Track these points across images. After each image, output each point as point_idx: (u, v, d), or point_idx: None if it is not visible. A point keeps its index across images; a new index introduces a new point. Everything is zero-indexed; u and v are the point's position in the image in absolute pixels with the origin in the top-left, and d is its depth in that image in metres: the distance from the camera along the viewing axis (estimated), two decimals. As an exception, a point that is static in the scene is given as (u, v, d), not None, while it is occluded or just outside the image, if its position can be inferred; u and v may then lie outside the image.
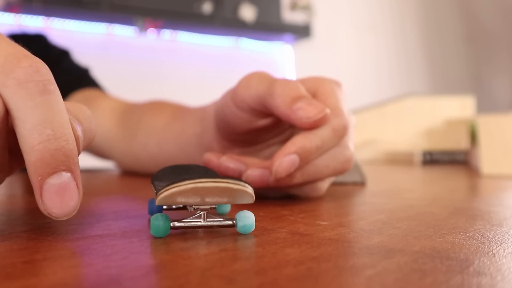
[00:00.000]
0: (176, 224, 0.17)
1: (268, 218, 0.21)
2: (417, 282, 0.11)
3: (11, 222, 0.20)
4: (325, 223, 0.20)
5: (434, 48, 2.79)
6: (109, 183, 0.42)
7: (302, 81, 0.29)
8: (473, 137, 0.64)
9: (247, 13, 2.05)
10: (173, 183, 0.16)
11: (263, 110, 0.28)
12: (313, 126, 0.26)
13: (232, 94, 0.29)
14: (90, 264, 0.13)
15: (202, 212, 0.18)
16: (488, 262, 0.13)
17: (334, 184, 0.39)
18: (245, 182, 0.17)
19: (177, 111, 0.45)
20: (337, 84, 0.30)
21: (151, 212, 0.21)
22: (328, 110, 0.26)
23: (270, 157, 0.32)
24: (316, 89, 0.29)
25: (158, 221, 0.17)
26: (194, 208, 0.18)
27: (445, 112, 1.03)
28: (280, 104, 0.26)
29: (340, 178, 0.40)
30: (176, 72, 2.09)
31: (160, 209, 0.21)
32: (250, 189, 0.17)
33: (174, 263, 0.13)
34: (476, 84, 2.78)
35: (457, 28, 2.86)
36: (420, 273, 0.12)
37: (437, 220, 0.21)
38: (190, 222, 0.18)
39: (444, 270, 0.13)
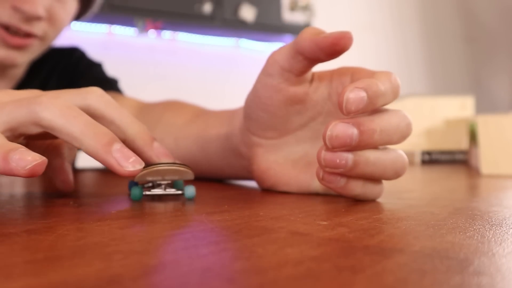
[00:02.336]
0: (147, 192, 0.28)
1: (268, 218, 0.21)
2: (417, 282, 0.11)
3: (11, 222, 0.20)
4: (325, 223, 0.20)
5: (434, 48, 2.79)
6: (110, 182, 0.42)
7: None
8: (473, 137, 0.64)
9: (247, 13, 2.05)
10: (146, 167, 0.26)
11: (294, 68, 0.29)
12: (338, 43, 0.28)
13: (263, 65, 0.31)
14: (90, 264, 0.13)
15: (163, 184, 0.28)
16: (488, 262, 0.13)
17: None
18: (186, 165, 0.28)
19: (199, 111, 0.46)
20: None
21: (131, 187, 0.30)
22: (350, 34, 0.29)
23: (300, 153, 0.32)
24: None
25: (135, 189, 0.27)
26: (159, 183, 0.28)
27: (444, 112, 1.03)
28: (307, 35, 0.28)
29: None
30: (176, 72, 2.09)
31: (141, 194, 0.29)
32: (191, 170, 0.28)
33: (174, 263, 0.13)
34: (476, 84, 2.78)
35: (457, 28, 2.86)
36: (420, 273, 0.12)
37: (437, 220, 0.21)
38: (155, 191, 0.28)
39: (444, 270, 0.13)
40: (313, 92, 0.31)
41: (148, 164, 0.27)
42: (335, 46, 0.28)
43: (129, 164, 0.23)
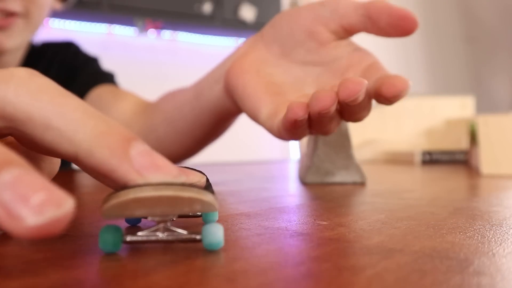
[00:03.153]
0: (129, 238, 0.15)
1: (268, 218, 0.21)
2: (417, 282, 0.11)
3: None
4: (325, 223, 0.20)
5: (434, 48, 2.79)
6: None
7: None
8: (473, 137, 0.64)
9: (247, 13, 2.05)
10: (116, 191, 0.14)
11: (347, 20, 0.32)
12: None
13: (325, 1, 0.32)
14: (90, 264, 0.13)
15: (160, 225, 0.15)
16: (488, 262, 0.13)
17: (334, 184, 0.39)
18: (205, 188, 0.15)
19: (193, 85, 0.45)
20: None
21: (129, 222, 0.19)
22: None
23: (279, 81, 0.33)
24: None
25: (106, 235, 0.14)
26: (153, 220, 0.15)
27: (445, 112, 1.03)
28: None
29: (340, 178, 0.40)
30: (176, 72, 2.09)
31: (139, 220, 0.19)
32: (207, 197, 0.14)
33: (174, 263, 0.13)
34: (476, 84, 2.78)
35: (457, 28, 2.86)
36: (420, 273, 0.12)
37: (437, 220, 0.21)
38: (145, 236, 0.15)
39: (444, 270, 0.13)
40: (333, 46, 0.33)
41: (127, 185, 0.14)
42: (402, 21, 0.29)
43: (30, 208, 0.10)
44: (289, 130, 0.28)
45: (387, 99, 0.27)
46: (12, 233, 0.10)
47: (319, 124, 0.28)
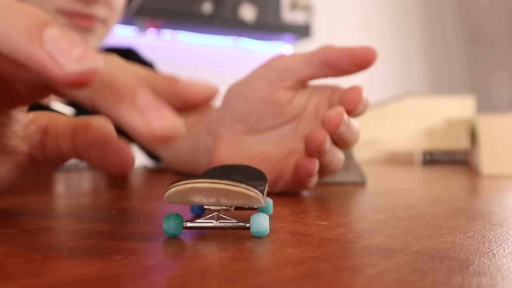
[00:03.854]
0: (188, 224, 0.17)
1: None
2: (417, 282, 0.11)
3: (11, 222, 0.20)
4: (325, 223, 0.20)
5: (435, 48, 2.79)
6: (114, 181, 0.42)
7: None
8: (473, 137, 0.64)
9: (247, 13, 2.05)
10: (176, 181, 0.16)
11: (297, 73, 0.31)
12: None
13: (267, 61, 0.32)
14: (90, 264, 0.13)
15: (214, 213, 0.17)
16: (488, 262, 0.13)
17: (334, 184, 0.39)
18: (253, 185, 0.17)
19: (202, 112, 0.47)
20: None
21: (193, 211, 0.21)
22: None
23: (260, 151, 0.33)
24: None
25: (169, 221, 0.17)
26: (208, 209, 0.18)
27: (445, 112, 1.03)
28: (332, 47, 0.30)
29: (340, 178, 0.40)
30: (176, 72, 2.08)
31: (202, 209, 0.21)
32: (254, 193, 0.16)
33: (174, 263, 0.13)
34: (476, 84, 2.78)
35: (457, 28, 2.86)
36: (420, 273, 0.12)
37: (437, 220, 0.21)
38: (202, 222, 0.18)
39: (444, 270, 0.13)
40: (295, 100, 0.33)
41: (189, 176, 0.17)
42: (364, 57, 0.30)
43: (73, 58, 0.13)
44: (302, 184, 0.29)
45: (354, 114, 0.28)
46: (54, 78, 0.13)
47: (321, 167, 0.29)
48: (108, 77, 0.15)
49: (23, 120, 0.21)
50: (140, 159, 0.87)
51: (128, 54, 0.79)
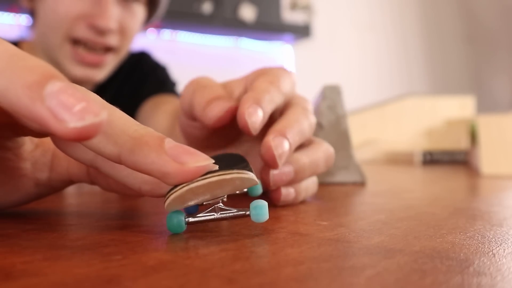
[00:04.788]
0: (191, 219, 0.18)
1: (268, 218, 0.21)
2: (417, 282, 0.11)
3: (11, 222, 0.20)
4: (325, 223, 0.20)
5: (434, 48, 2.79)
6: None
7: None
8: (473, 137, 0.64)
9: (247, 13, 2.05)
10: (172, 189, 0.16)
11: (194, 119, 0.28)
12: (218, 122, 0.25)
13: (181, 108, 0.29)
14: (90, 264, 0.13)
15: (214, 206, 0.18)
16: (488, 262, 0.13)
17: (334, 184, 0.39)
18: (241, 167, 0.17)
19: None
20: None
21: (187, 209, 0.21)
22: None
23: (247, 150, 0.31)
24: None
25: (172, 218, 0.17)
26: (208, 203, 0.18)
27: (445, 112, 1.03)
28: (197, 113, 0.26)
29: (340, 178, 0.40)
30: (176, 72, 2.09)
31: (195, 207, 0.21)
32: (247, 174, 0.17)
33: (174, 263, 0.13)
34: (476, 84, 2.78)
35: (457, 28, 2.86)
36: (420, 273, 0.12)
37: (437, 220, 0.21)
38: (204, 216, 0.18)
39: (444, 270, 0.13)
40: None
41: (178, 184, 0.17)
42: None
43: (73, 114, 0.13)
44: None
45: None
46: (56, 133, 0.13)
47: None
48: (134, 131, 0.16)
49: (28, 143, 0.21)
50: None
51: (141, 57, 0.78)
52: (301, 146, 0.27)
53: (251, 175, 0.17)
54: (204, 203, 0.18)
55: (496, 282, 0.11)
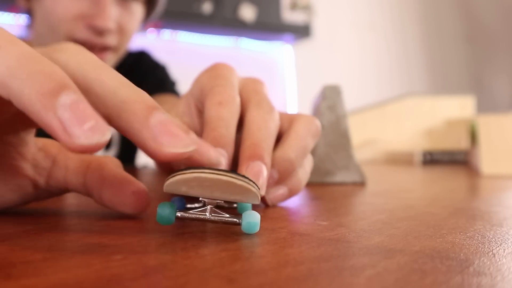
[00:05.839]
0: (181, 214, 0.17)
1: (268, 218, 0.21)
2: (417, 282, 0.11)
3: (11, 222, 0.20)
4: (325, 223, 0.20)
5: (434, 48, 2.79)
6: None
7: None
8: (473, 137, 0.64)
9: (247, 13, 2.05)
10: (180, 170, 0.16)
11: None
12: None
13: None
14: (90, 264, 0.13)
15: (208, 206, 0.18)
16: (488, 262, 0.13)
17: (334, 184, 0.39)
18: (252, 181, 0.17)
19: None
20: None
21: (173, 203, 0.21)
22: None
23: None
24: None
25: (164, 208, 0.17)
26: (203, 202, 0.18)
27: (445, 112, 1.03)
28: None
29: (340, 178, 0.40)
30: (176, 72, 2.09)
31: (182, 206, 0.21)
32: (255, 189, 0.17)
33: (174, 263, 0.13)
34: (476, 84, 2.78)
35: (457, 28, 2.86)
36: (420, 273, 0.12)
37: (437, 220, 0.21)
38: (195, 214, 0.18)
39: (444, 270, 0.13)
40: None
41: (187, 167, 0.17)
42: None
43: (83, 131, 0.13)
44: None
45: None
46: (62, 144, 0.13)
47: None
48: (126, 94, 0.16)
49: (31, 144, 0.21)
50: (141, 159, 0.87)
51: (141, 57, 0.79)
52: (280, 133, 0.26)
53: (257, 192, 0.17)
54: (200, 198, 0.17)
55: (496, 282, 0.11)
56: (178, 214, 0.17)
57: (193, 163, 0.19)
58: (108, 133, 0.14)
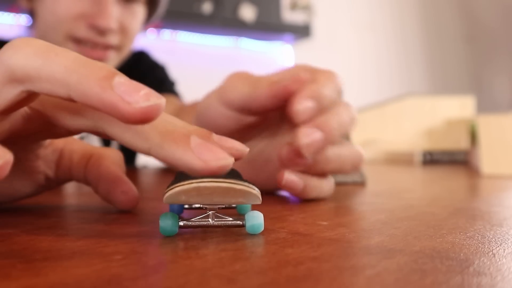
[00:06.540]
0: (184, 223, 0.18)
1: (268, 218, 0.21)
2: (417, 282, 0.11)
3: (11, 222, 0.20)
4: (325, 223, 0.20)
5: (434, 48, 2.79)
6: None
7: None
8: (473, 137, 0.64)
9: (247, 13, 2.05)
10: (179, 181, 0.16)
11: (251, 110, 0.28)
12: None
13: (218, 95, 0.30)
14: (90, 264, 0.13)
15: (210, 212, 0.18)
16: (488, 262, 0.13)
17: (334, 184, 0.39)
18: (251, 183, 0.17)
19: (180, 110, 0.47)
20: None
21: (172, 211, 0.21)
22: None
23: (256, 150, 0.32)
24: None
25: (165, 220, 0.17)
26: (204, 208, 0.18)
27: (445, 112, 1.03)
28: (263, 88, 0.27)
29: (340, 178, 0.40)
30: (176, 72, 2.09)
31: (181, 209, 0.21)
32: (255, 190, 0.17)
33: (174, 263, 0.13)
34: (476, 84, 2.78)
35: (457, 28, 2.86)
36: (420, 273, 0.12)
37: (437, 220, 0.21)
38: (198, 221, 0.18)
39: (444, 270, 0.13)
40: (270, 115, 0.31)
41: (185, 177, 0.17)
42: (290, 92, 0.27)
43: (140, 96, 0.15)
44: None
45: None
46: (125, 114, 0.15)
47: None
48: (163, 128, 0.17)
49: (45, 145, 0.23)
50: (141, 159, 0.87)
51: (140, 57, 0.79)
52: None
53: (258, 193, 0.17)
54: (202, 206, 0.17)
55: (496, 282, 0.11)
56: (181, 223, 0.18)
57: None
58: (163, 99, 0.15)
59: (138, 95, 0.15)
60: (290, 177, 0.26)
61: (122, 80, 0.15)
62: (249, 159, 0.32)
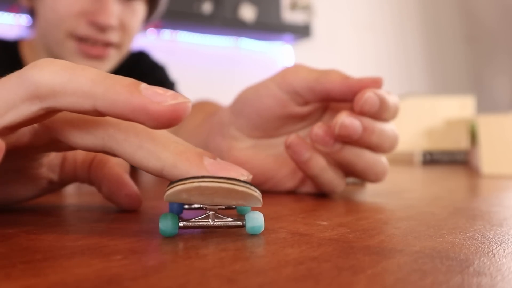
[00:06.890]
0: (184, 224, 0.18)
1: (268, 218, 0.21)
2: (417, 282, 0.11)
3: (11, 222, 0.20)
4: (325, 223, 0.20)
5: (434, 48, 2.79)
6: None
7: None
8: (473, 137, 0.64)
9: (247, 13, 2.05)
10: (181, 180, 0.16)
11: (307, 97, 0.30)
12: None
13: (277, 78, 0.31)
14: (90, 264, 0.13)
15: (210, 212, 0.18)
16: (488, 262, 0.13)
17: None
18: (253, 185, 0.17)
19: (210, 112, 0.46)
20: None
21: (172, 211, 0.21)
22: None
23: (282, 148, 0.33)
24: None
25: (165, 221, 0.17)
26: (204, 208, 0.18)
27: (445, 112, 1.03)
28: (335, 79, 0.29)
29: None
30: (176, 72, 2.09)
31: (180, 209, 0.21)
32: (257, 193, 0.17)
33: (174, 263, 0.13)
34: (476, 84, 2.78)
35: (457, 28, 2.86)
36: (420, 273, 0.12)
37: (437, 220, 0.21)
38: (198, 222, 0.18)
39: (444, 270, 0.13)
40: (313, 110, 0.32)
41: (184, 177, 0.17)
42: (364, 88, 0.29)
43: (167, 96, 0.16)
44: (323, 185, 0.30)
45: (374, 114, 0.28)
46: (154, 114, 0.16)
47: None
48: (175, 148, 0.17)
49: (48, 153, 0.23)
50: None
51: (140, 57, 0.79)
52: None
53: (259, 195, 0.17)
54: (202, 206, 0.17)
55: (496, 282, 0.11)
56: (181, 224, 0.17)
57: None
58: (189, 99, 0.16)
59: (166, 96, 0.16)
60: (347, 119, 0.27)
61: (147, 86, 0.16)
62: (274, 154, 0.33)
